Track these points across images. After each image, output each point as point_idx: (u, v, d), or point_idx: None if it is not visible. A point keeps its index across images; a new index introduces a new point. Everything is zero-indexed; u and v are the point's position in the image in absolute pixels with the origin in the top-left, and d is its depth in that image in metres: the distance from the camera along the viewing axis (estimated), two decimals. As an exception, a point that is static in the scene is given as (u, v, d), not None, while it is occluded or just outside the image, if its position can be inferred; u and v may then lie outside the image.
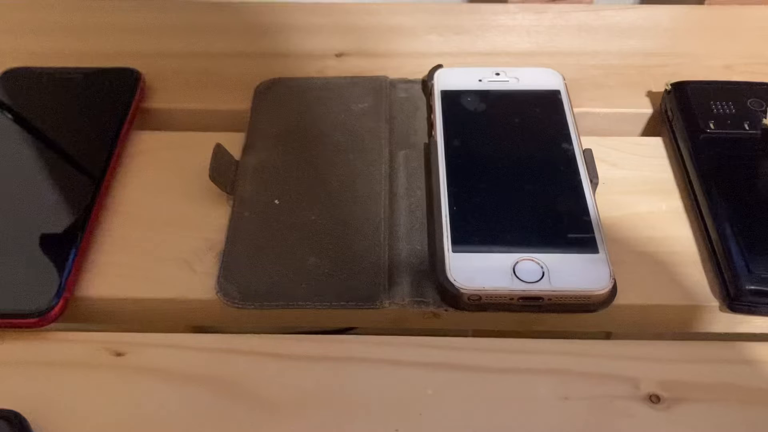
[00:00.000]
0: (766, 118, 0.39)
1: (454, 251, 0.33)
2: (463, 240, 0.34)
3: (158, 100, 0.44)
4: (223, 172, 0.38)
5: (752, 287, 0.32)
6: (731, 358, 0.32)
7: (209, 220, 0.37)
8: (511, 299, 0.32)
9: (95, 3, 0.52)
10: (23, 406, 0.30)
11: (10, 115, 0.42)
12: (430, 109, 0.42)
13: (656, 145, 0.41)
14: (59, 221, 0.36)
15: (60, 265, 0.34)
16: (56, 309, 0.32)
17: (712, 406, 0.30)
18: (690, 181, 0.38)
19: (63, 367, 0.32)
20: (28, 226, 0.36)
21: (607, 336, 0.41)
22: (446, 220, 0.35)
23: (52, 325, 0.33)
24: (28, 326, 0.32)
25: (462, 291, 0.32)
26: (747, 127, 0.39)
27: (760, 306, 0.32)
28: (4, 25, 0.50)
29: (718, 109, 0.40)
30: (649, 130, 0.44)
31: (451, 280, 0.32)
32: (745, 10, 0.51)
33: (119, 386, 0.31)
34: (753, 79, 0.43)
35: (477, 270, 0.33)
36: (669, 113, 0.41)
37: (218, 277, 0.34)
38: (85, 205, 0.37)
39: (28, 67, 0.45)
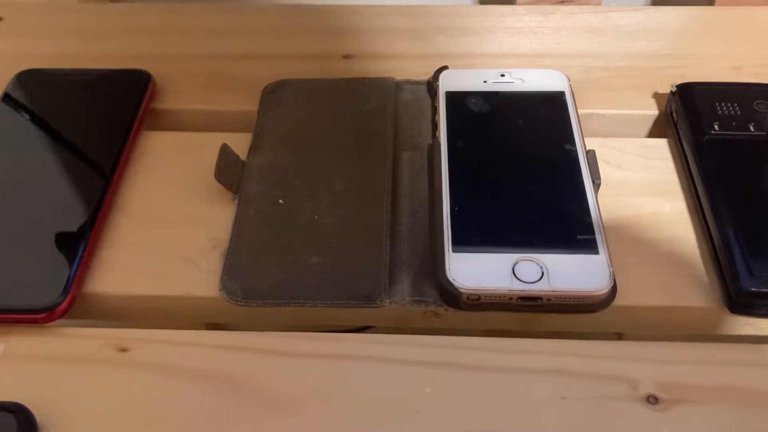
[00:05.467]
0: (772, 119, 0.39)
1: (454, 251, 0.33)
2: (464, 240, 0.34)
3: (167, 101, 0.45)
4: (229, 171, 0.38)
5: (753, 289, 0.32)
6: (730, 360, 0.32)
7: (215, 219, 0.38)
8: (510, 299, 0.32)
9: (106, 6, 0.52)
10: (29, 399, 0.30)
11: (24, 116, 0.43)
12: (434, 110, 0.42)
13: (661, 146, 0.41)
14: (68, 219, 0.37)
15: (68, 262, 0.35)
16: (63, 305, 0.33)
17: (711, 408, 0.30)
18: (694, 183, 0.37)
19: (68, 362, 0.32)
20: (38, 224, 0.36)
21: (619, 336, 0.41)
22: (447, 220, 0.35)
23: (59, 320, 0.33)
24: (36, 322, 0.33)
25: (461, 290, 0.32)
26: (752, 129, 0.39)
27: (760, 308, 0.32)
28: (18, 29, 0.51)
29: (723, 111, 0.39)
30: (655, 132, 0.44)
31: (451, 279, 0.32)
32: (754, 11, 0.50)
33: (123, 381, 0.31)
34: (763, 80, 0.42)
35: (476, 270, 0.33)
36: (674, 115, 0.41)
37: (221, 275, 0.35)
38: (94, 204, 0.37)
39: (42, 69, 0.46)
